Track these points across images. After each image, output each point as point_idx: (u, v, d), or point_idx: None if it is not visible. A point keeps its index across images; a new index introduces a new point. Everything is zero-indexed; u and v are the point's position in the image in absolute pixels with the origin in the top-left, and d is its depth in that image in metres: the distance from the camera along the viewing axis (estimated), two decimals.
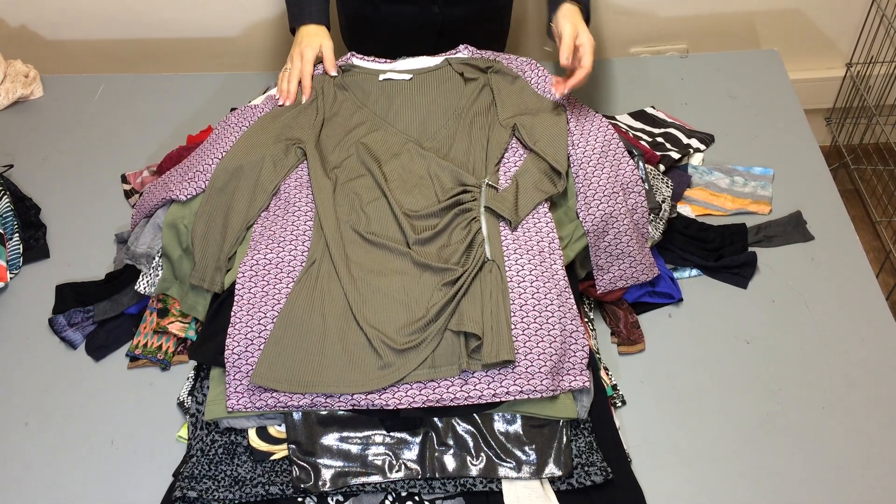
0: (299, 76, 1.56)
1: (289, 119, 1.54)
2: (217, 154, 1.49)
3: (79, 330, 1.47)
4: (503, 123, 1.51)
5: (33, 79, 1.99)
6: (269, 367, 1.23)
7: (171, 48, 2.25)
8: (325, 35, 1.61)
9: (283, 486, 1.22)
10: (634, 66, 2.02)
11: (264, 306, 1.30)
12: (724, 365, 1.40)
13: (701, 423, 1.32)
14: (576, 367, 1.26)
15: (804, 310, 1.47)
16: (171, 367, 1.42)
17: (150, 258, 1.46)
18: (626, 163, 1.48)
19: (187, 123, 1.89)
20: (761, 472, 1.26)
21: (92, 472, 1.29)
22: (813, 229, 1.60)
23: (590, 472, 1.22)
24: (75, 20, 2.18)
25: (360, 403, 1.22)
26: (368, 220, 1.41)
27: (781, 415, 1.32)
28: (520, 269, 1.32)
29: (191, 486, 1.21)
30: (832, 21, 2.30)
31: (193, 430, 1.28)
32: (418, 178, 1.46)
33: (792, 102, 1.88)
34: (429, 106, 1.56)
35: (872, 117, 2.43)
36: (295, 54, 1.58)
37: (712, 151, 1.77)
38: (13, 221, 1.62)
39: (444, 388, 1.22)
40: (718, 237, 1.57)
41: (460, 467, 1.22)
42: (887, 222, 2.50)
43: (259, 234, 1.40)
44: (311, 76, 1.58)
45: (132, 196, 1.72)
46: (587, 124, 1.51)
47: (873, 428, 1.30)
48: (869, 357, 1.40)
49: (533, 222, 1.38)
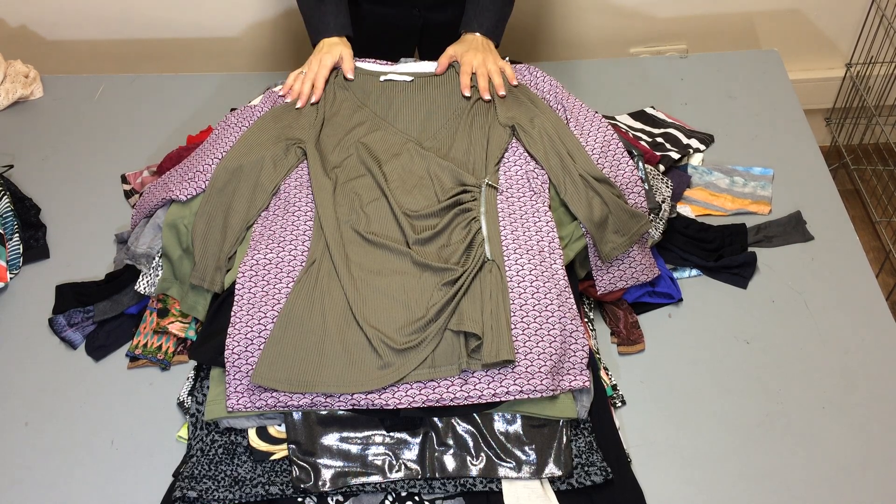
0: (313, 79, 1.57)
1: (289, 119, 1.54)
2: (217, 154, 1.49)
3: (79, 330, 1.47)
4: (503, 123, 1.51)
5: (33, 79, 1.99)
6: (269, 367, 1.23)
7: (172, 48, 2.25)
8: (346, 44, 1.62)
9: (283, 486, 1.22)
10: (634, 66, 2.02)
11: (264, 306, 1.30)
12: (724, 365, 1.40)
13: (701, 423, 1.32)
14: (576, 367, 1.26)
15: (804, 310, 1.47)
16: (171, 367, 1.42)
17: (150, 258, 1.46)
18: (626, 163, 1.48)
19: (187, 123, 1.89)
20: (761, 472, 1.26)
21: (92, 472, 1.29)
22: (813, 229, 1.60)
23: (590, 472, 1.22)
24: (75, 20, 2.18)
25: (360, 403, 1.22)
26: (368, 219, 1.41)
27: (781, 415, 1.32)
28: (520, 269, 1.32)
29: (191, 486, 1.21)
30: (832, 21, 2.30)
31: (193, 430, 1.28)
32: (418, 178, 1.46)
33: (792, 102, 1.88)
34: (429, 106, 1.56)
35: (872, 117, 2.43)
36: (314, 60, 1.59)
37: (712, 151, 1.78)
38: (13, 221, 1.62)
39: (444, 387, 1.22)
40: (718, 237, 1.57)
41: (460, 467, 1.22)
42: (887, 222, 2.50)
43: (259, 234, 1.40)
44: (326, 80, 1.58)
45: (132, 196, 1.72)
46: (587, 124, 1.51)
47: (873, 428, 1.30)
48: (869, 357, 1.40)
49: (533, 221, 1.38)
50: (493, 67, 1.56)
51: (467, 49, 1.59)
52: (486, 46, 1.60)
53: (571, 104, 1.55)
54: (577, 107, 1.55)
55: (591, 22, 2.25)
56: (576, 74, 1.99)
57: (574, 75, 1.98)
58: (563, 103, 1.55)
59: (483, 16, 1.62)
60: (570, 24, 2.26)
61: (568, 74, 1.98)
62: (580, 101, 1.57)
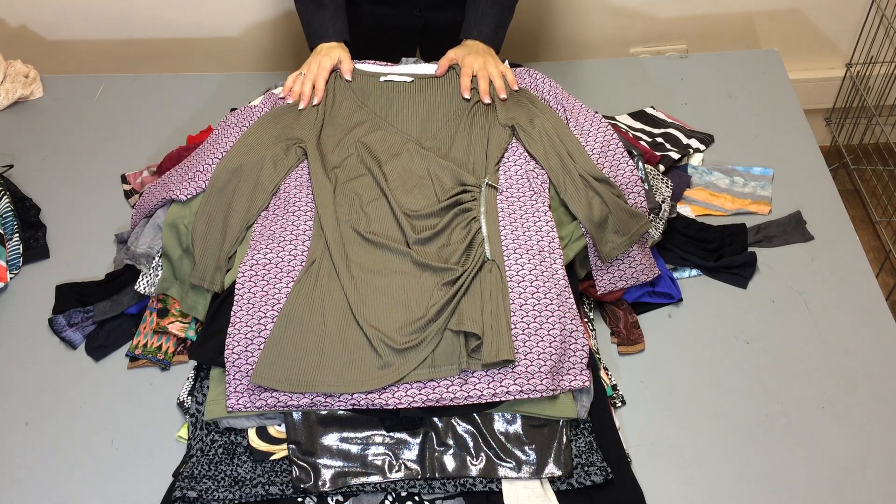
0: (313, 81, 1.57)
1: (289, 119, 1.54)
2: (217, 154, 1.49)
3: (79, 330, 1.47)
4: (503, 123, 1.51)
5: (33, 79, 1.99)
6: (268, 367, 1.23)
7: (171, 48, 2.25)
8: (343, 49, 1.62)
9: (283, 486, 1.22)
10: (634, 66, 2.02)
11: (264, 306, 1.30)
12: (724, 365, 1.40)
13: (701, 423, 1.32)
14: (576, 367, 1.26)
15: (804, 310, 1.47)
16: (171, 367, 1.42)
17: (150, 258, 1.46)
18: (626, 163, 1.48)
19: (187, 123, 1.89)
20: (761, 472, 1.26)
21: (92, 472, 1.29)
22: (813, 229, 1.60)
23: (590, 472, 1.22)
24: (75, 20, 2.18)
25: (360, 403, 1.22)
26: (368, 219, 1.41)
27: (781, 415, 1.32)
28: (520, 269, 1.32)
29: (191, 486, 1.21)
30: (832, 21, 2.30)
31: (193, 430, 1.28)
32: (418, 178, 1.46)
33: (792, 102, 1.88)
34: (429, 106, 1.56)
35: (872, 117, 2.43)
36: (312, 62, 1.59)
37: (712, 151, 1.78)
38: (13, 221, 1.62)
39: (444, 387, 1.22)
40: (718, 237, 1.57)
41: (460, 467, 1.22)
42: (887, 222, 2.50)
43: (259, 233, 1.40)
44: (326, 82, 1.58)
45: (132, 196, 1.72)
46: (587, 124, 1.51)
47: (873, 428, 1.30)
48: (869, 357, 1.40)
49: (533, 221, 1.38)
50: (493, 71, 1.56)
51: (468, 52, 1.59)
52: (486, 51, 1.60)
53: (571, 104, 1.55)
54: (577, 107, 1.55)
55: (591, 22, 2.25)
56: (576, 74, 1.99)
57: (574, 75, 1.98)
58: (562, 104, 1.55)
59: (483, 22, 1.62)
60: (570, 24, 2.26)
61: (568, 74, 1.98)
62: (580, 101, 1.57)
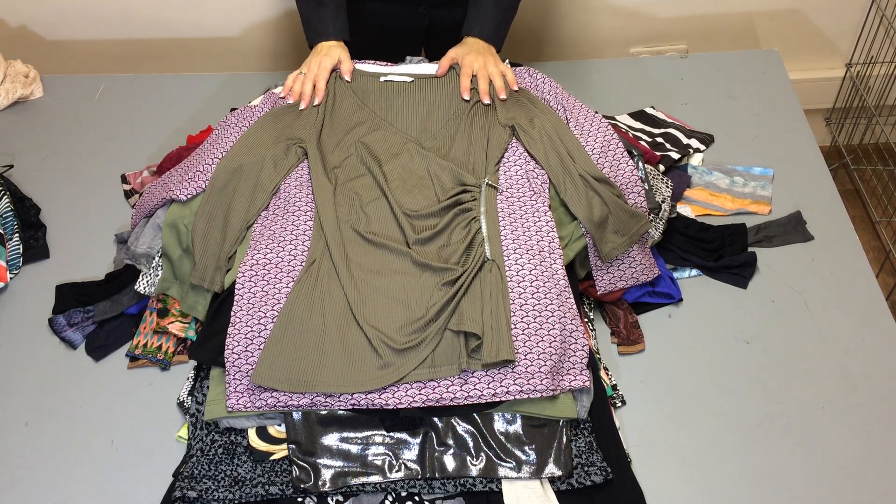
0: (314, 80, 1.57)
1: (290, 119, 1.54)
2: (217, 154, 1.49)
3: (79, 330, 1.47)
4: (503, 123, 1.51)
5: (33, 79, 1.99)
6: (269, 367, 1.23)
7: (171, 48, 2.25)
8: (343, 48, 1.62)
9: (283, 486, 1.22)
10: (634, 66, 2.02)
11: (264, 306, 1.30)
12: (724, 365, 1.40)
13: (701, 423, 1.32)
14: (576, 367, 1.26)
15: (804, 310, 1.47)
16: (171, 367, 1.42)
17: (150, 258, 1.46)
18: (626, 163, 1.48)
19: (187, 123, 1.89)
20: (761, 472, 1.26)
21: (92, 472, 1.29)
22: (813, 229, 1.60)
23: (590, 472, 1.22)
24: (75, 20, 2.18)
25: (360, 403, 1.22)
26: (368, 219, 1.41)
27: (781, 415, 1.32)
28: (520, 269, 1.32)
29: (191, 486, 1.21)
30: (832, 21, 2.30)
31: (193, 430, 1.28)
32: (418, 178, 1.46)
33: (792, 102, 1.88)
34: (429, 106, 1.56)
35: (872, 117, 2.43)
36: (312, 62, 1.59)
37: (712, 151, 1.78)
38: (13, 221, 1.62)
39: (444, 387, 1.22)
40: (718, 237, 1.57)
41: (460, 467, 1.22)
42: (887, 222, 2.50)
43: (259, 233, 1.40)
44: (326, 81, 1.58)
45: (132, 196, 1.72)
46: (587, 124, 1.51)
47: (873, 428, 1.30)
48: (869, 357, 1.40)
49: (533, 221, 1.38)
50: (493, 70, 1.56)
51: (468, 51, 1.58)
52: (487, 50, 1.60)
53: (571, 104, 1.55)
54: (577, 107, 1.55)
55: (591, 22, 2.25)
56: (576, 74, 1.99)
57: (574, 75, 1.98)
58: (562, 103, 1.55)
59: (484, 20, 1.62)
60: (570, 24, 2.26)
61: (568, 74, 1.98)
62: (580, 101, 1.57)
